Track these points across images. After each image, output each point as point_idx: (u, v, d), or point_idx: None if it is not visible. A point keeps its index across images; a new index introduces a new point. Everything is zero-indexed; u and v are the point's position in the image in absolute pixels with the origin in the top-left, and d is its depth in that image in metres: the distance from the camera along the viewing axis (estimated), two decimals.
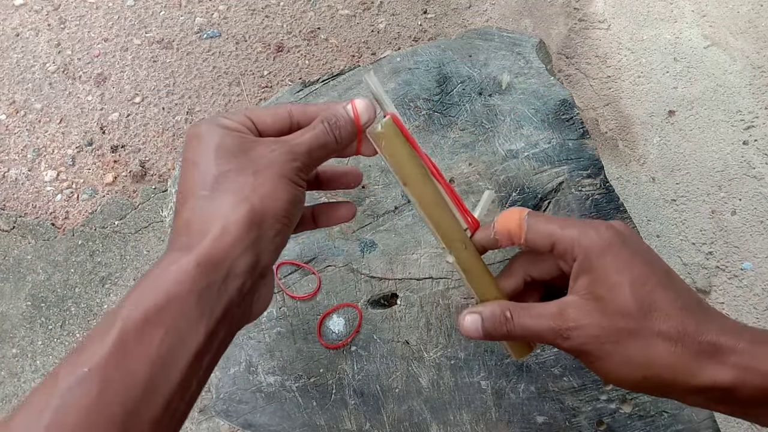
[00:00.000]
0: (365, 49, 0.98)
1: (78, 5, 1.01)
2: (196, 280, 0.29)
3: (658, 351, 0.31)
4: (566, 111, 0.61)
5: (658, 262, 0.34)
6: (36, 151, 0.92)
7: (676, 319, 0.31)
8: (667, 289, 0.32)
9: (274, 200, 0.31)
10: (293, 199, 0.32)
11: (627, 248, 0.33)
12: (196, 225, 0.30)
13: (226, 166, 0.31)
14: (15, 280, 0.85)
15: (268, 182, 0.31)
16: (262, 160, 0.32)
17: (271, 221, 0.31)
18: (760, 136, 0.89)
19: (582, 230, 0.34)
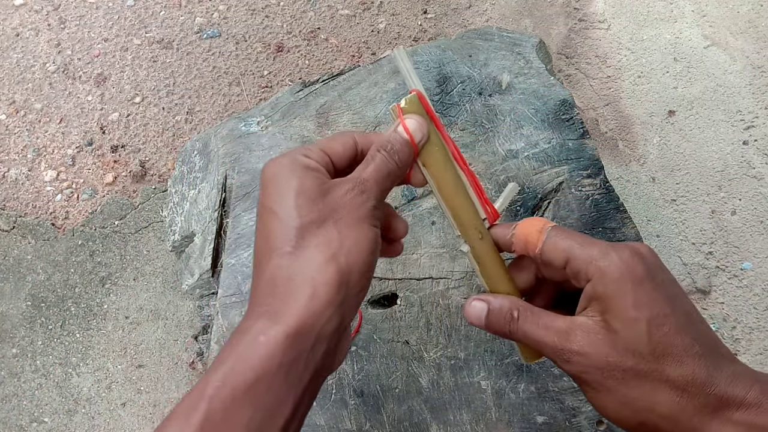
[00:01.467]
0: (365, 49, 0.98)
1: (78, 5, 1.01)
2: (286, 353, 0.28)
3: (662, 398, 0.30)
4: (566, 111, 0.61)
5: (680, 298, 0.31)
6: (36, 151, 0.92)
7: (687, 367, 0.29)
8: (684, 334, 0.30)
9: (358, 253, 0.30)
10: (374, 246, 0.32)
11: (650, 280, 0.31)
12: (282, 287, 0.29)
13: (308, 216, 0.30)
14: (15, 280, 0.85)
15: (351, 233, 0.31)
16: (341, 206, 0.31)
17: (357, 278, 0.30)
18: (760, 136, 0.89)
19: (603, 251, 0.32)
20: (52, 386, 0.81)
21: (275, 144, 0.63)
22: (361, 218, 0.31)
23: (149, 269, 0.85)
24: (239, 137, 0.64)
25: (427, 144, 0.36)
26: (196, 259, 0.62)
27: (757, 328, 0.82)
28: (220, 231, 0.62)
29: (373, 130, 0.62)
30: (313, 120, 0.63)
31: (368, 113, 0.63)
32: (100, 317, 0.83)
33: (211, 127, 0.77)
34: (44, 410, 0.80)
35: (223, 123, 0.66)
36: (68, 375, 0.81)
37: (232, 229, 0.60)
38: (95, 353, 0.82)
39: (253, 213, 0.60)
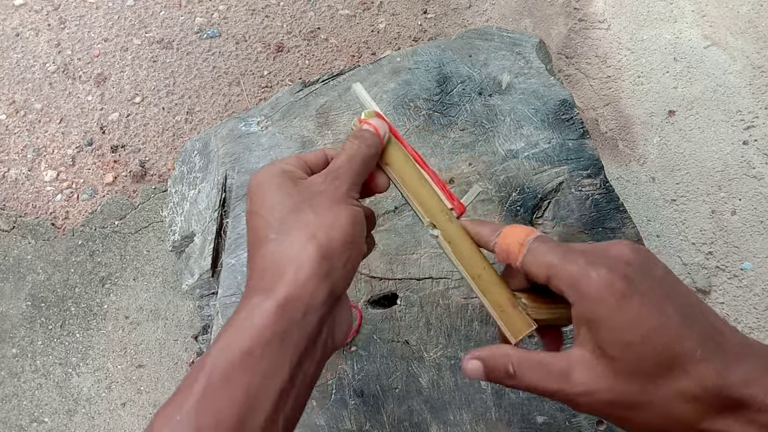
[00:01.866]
0: (365, 49, 0.98)
1: (78, 5, 1.01)
2: (278, 322, 0.30)
3: (678, 411, 0.29)
4: (566, 111, 0.61)
5: (674, 300, 0.30)
6: (36, 151, 0.92)
7: (694, 375, 0.28)
8: (683, 340, 0.29)
9: (336, 228, 0.33)
10: (353, 220, 0.34)
11: (633, 294, 0.29)
12: (270, 269, 0.32)
13: (287, 207, 0.34)
14: (15, 280, 0.85)
15: (326, 212, 0.34)
16: (315, 193, 0.35)
17: (340, 250, 0.33)
18: (760, 136, 0.89)
19: (581, 270, 0.31)
20: (52, 386, 0.80)
21: (275, 144, 0.63)
22: (336, 199, 0.35)
23: (149, 269, 0.85)
24: (239, 137, 0.64)
25: (388, 147, 0.39)
26: (196, 259, 0.62)
27: (758, 328, 0.82)
28: (220, 231, 0.62)
29: None
30: (313, 120, 0.63)
31: None
32: (100, 317, 0.83)
33: (211, 127, 0.77)
34: (44, 410, 0.80)
35: (223, 123, 0.66)
36: (68, 375, 0.81)
37: (232, 229, 0.60)
38: (95, 353, 0.82)
39: None
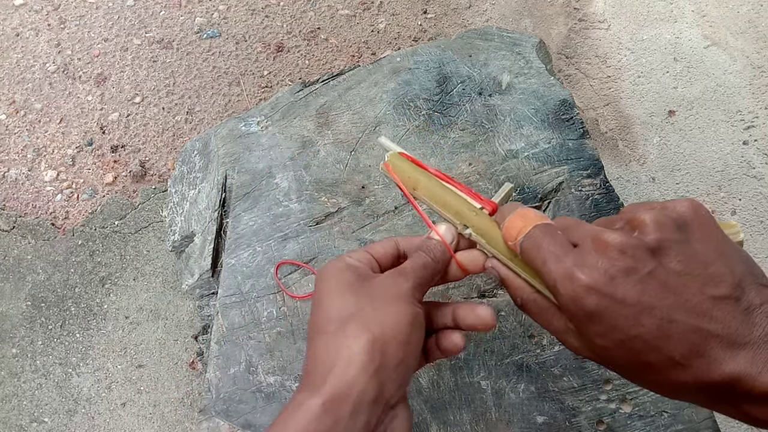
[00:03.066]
0: (365, 49, 0.98)
1: (78, 5, 1.01)
2: (322, 420, 0.29)
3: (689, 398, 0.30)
4: (566, 111, 0.61)
5: (656, 301, 0.28)
6: (36, 151, 0.92)
7: (672, 376, 0.29)
8: (657, 349, 0.28)
9: (393, 325, 0.32)
10: (411, 320, 0.33)
11: (605, 309, 0.29)
12: (321, 362, 0.32)
13: (348, 301, 0.34)
14: (15, 280, 0.85)
15: (385, 307, 0.33)
16: (377, 289, 0.34)
17: (394, 348, 0.32)
18: (760, 136, 0.89)
19: (559, 280, 0.30)
20: (52, 386, 0.80)
21: (275, 144, 0.63)
22: (398, 295, 0.34)
23: (149, 269, 0.85)
24: (239, 137, 0.64)
25: (411, 173, 0.41)
26: (196, 259, 0.62)
27: None
28: (220, 231, 0.62)
29: (373, 129, 0.62)
30: (313, 120, 0.63)
31: (368, 113, 0.63)
32: (100, 317, 0.83)
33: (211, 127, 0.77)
34: (44, 410, 0.80)
35: (223, 123, 0.66)
36: (68, 375, 0.81)
37: (232, 229, 0.60)
38: (95, 353, 0.82)
39: (252, 213, 0.60)
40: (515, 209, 0.36)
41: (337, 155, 0.61)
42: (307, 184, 0.60)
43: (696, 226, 0.30)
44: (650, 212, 0.30)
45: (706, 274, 0.28)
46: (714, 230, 0.30)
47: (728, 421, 0.78)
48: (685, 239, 0.30)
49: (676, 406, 0.53)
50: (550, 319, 0.34)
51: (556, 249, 0.32)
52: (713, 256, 0.29)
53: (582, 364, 0.54)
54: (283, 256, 0.58)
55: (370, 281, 0.35)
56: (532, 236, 0.33)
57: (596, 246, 0.30)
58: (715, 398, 0.29)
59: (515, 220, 0.35)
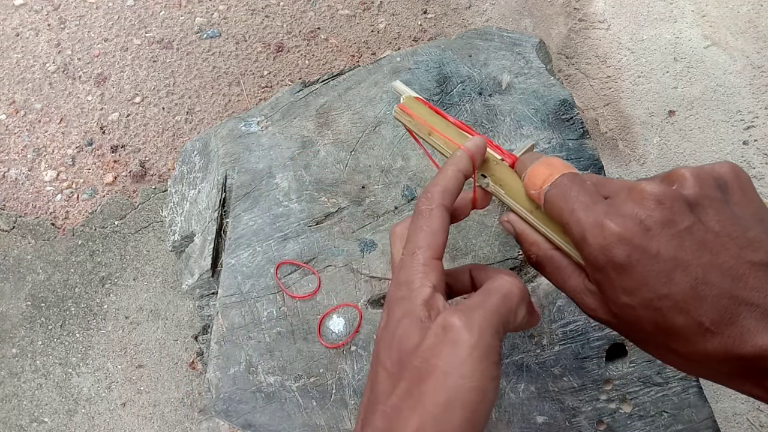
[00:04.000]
0: (365, 49, 0.98)
1: (78, 5, 1.01)
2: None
3: (681, 364, 0.29)
4: (566, 111, 0.61)
5: (689, 261, 0.26)
6: (36, 151, 0.92)
7: (699, 345, 0.27)
8: (686, 312, 0.26)
9: (446, 419, 0.27)
10: (482, 396, 0.27)
11: (635, 264, 0.27)
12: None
13: (400, 374, 0.28)
14: (15, 280, 0.85)
15: (438, 392, 0.27)
16: (428, 360, 0.28)
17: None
18: (760, 136, 0.89)
19: (588, 229, 0.28)
20: (52, 386, 0.80)
21: (275, 144, 0.63)
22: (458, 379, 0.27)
23: (149, 269, 0.85)
24: (239, 137, 0.64)
25: (428, 117, 0.39)
26: (196, 259, 0.62)
27: None
28: (220, 231, 0.62)
29: (373, 130, 0.62)
30: (313, 120, 0.63)
31: (368, 113, 0.63)
32: (100, 317, 0.83)
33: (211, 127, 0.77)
34: (44, 410, 0.80)
35: (223, 123, 0.66)
36: (68, 375, 0.81)
37: (232, 229, 0.60)
38: (95, 353, 0.82)
39: (252, 213, 0.60)
40: (539, 158, 0.33)
41: (337, 155, 0.61)
42: (307, 184, 0.60)
43: (736, 188, 0.28)
44: (690, 168, 0.28)
45: (744, 237, 0.26)
46: (754, 195, 0.29)
47: (728, 421, 0.78)
48: (724, 199, 0.28)
49: (676, 406, 0.53)
50: (567, 277, 0.32)
51: (585, 198, 0.29)
52: (752, 221, 0.27)
53: (582, 364, 0.54)
54: (283, 256, 0.58)
55: (425, 344, 0.29)
56: (559, 184, 0.31)
57: (632, 195, 0.28)
58: (739, 373, 0.27)
59: (540, 168, 0.32)
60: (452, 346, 0.27)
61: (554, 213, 0.31)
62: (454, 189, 0.34)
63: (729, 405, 0.78)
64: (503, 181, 0.35)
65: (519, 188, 0.35)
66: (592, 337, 0.54)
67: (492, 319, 0.28)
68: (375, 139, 0.62)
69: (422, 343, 0.28)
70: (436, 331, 0.28)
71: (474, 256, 0.57)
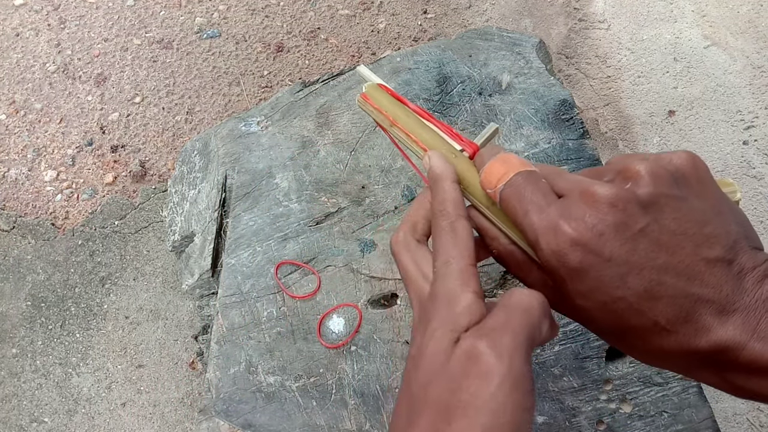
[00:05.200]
0: (365, 49, 0.98)
1: (78, 5, 1.01)
2: None
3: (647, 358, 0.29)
4: (566, 111, 0.61)
5: (644, 262, 0.26)
6: (36, 151, 0.92)
7: (655, 342, 0.27)
8: (641, 312, 0.26)
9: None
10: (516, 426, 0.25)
11: (589, 268, 0.26)
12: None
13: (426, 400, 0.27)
14: (15, 280, 0.85)
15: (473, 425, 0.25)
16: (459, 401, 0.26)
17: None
18: (760, 136, 0.89)
19: (541, 232, 0.28)
20: (52, 386, 0.81)
21: (275, 144, 0.63)
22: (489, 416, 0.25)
23: (149, 269, 0.85)
24: (239, 137, 0.64)
25: (391, 107, 0.38)
26: (196, 259, 0.62)
27: None
28: (220, 231, 0.62)
29: (373, 129, 0.62)
30: (313, 120, 0.63)
31: None
32: (100, 317, 0.83)
33: (211, 127, 0.77)
34: (44, 410, 0.80)
35: (223, 123, 0.66)
36: (68, 375, 0.81)
37: (232, 229, 0.60)
38: (95, 353, 0.82)
39: (252, 213, 0.60)
40: (496, 153, 0.32)
41: (337, 155, 0.61)
42: (307, 184, 0.60)
43: (694, 181, 0.28)
44: (645, 163, 0.27)
45: (701, 234, 0.26)
46: (713, 187, 0.28)
47: (728, 421, 0.78)
48: (682, 195, 0.27)
49: (676, 406, 0.53)
50: (527, 274, 0.31)
51: (539, 199, 0.29)
52: (710, 214, 0.27)
53: (582, 364, 0.54)
54: (283, 256, 0.58)
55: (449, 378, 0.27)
56: (514, 184, 0.30)
57: (584, 198, 0.27)
58: (699, 366, 0.27)
59: (496, 166, 0.31)
60: (482, 379, 0.25)
61: (509, 213, 0.30)
62: (460, 200, 0.33)
63: (729, 405, 0.78)
64: (462, 175, 0.34)
65: (478, 183, 0.34)
66: (592, 337, 0.54)
67: (520, 341, 0.26)
68: (375, 139, 0.62)
69: (449, 374, 0.26)
70: (460, 358, 0.26)
71: None
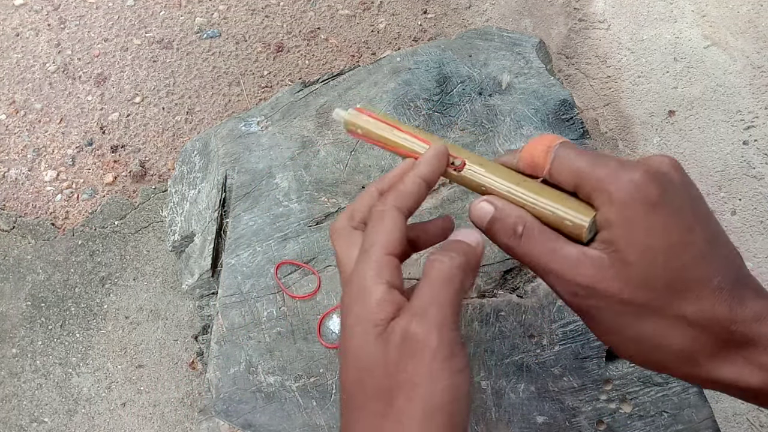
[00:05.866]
0: (365, 49, 0.98)
1: (78, 5, 1.01)
2: None
3: (678, 336, 0.27)
4: (566, 111, 0.61)
5: (703, 223, 0.28)
6: (36, 151, 0.92)
7: (707, 302, 0.26)
8: (705, 264, 0.27)
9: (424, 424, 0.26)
10: (451, 405, 0.27)
11: (667, 204, 0.27)
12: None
13: (365, 395, 0.28)
14: (15, 280, 0.85)
15: (409, 403, 0.26)
16: (402, 379, 0.27)
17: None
18: (760, 136, 0.89)
19: (613, 172, 0.27)
20: (52, 386, 0.81)
21: (275, 144, 0.63)
22: (429, 368, 0.27)
23: (149, 269, 0.85)
24: (239, 137, 0.64)
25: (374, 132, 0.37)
26: (196, 259, 0.62)
27: None
28: (220, 231, 0.62)
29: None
30: (313, 120, 0.63)
31: None
32: (100, 317, 0.83)
33: (211, 127, 0.77)
34: (44, 410, 0.80)
35: (223, 123, 0.66)
36: (68, 375, 0.81)
37: (232, 229, 0.60)
38: (95, 353, 0.82)
39: (252, 213, 0.60)
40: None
41: (337, 155, 0.61)
42: (307, 184, 0.60)
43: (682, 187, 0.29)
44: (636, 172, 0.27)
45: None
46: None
47: (728, 421, 0.78)
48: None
49: (676, 406, 0.53)
50: (560, 247, 0.29)
51: (596, 156, 0.29)
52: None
53: (582, 364, 0.54)
54: (283, 256, 0.58)
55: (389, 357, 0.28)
56: (569, 144, 0.30)
57: (650, 158, 0.29)
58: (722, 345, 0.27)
59: (535, 142, 0.32)
60: (417, 356, 0.27)
61: (566, 169, 0.30)
62: (411, 192, 0.33)
63: (729, 405, 0.78)
64: (482, 162, 0.34)
65: (498, 166, 0.34)
66: (592, 337, 0.54)
67: (447, 312, 0.28)
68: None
69: (387, 361, 0.27)
70: (396, 344, 0.27)
71: None
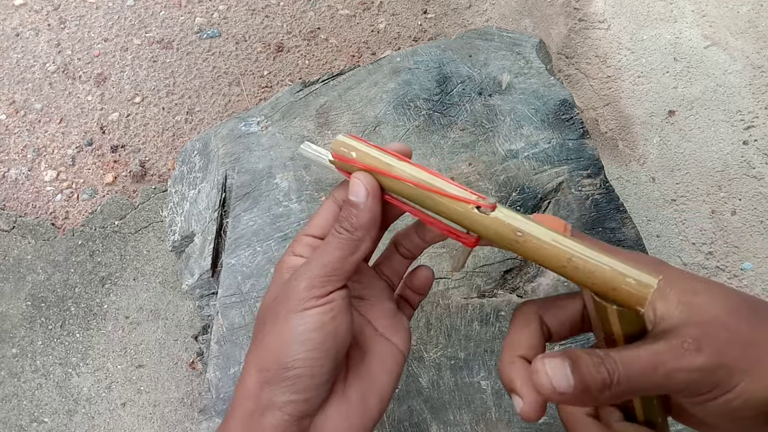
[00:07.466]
0: (365, 49, 0.98)
1: (78, 5, 1.01)
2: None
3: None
4: (566, 111, 0.61)
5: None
6: (36, 151, 0.92)
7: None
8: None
9: (276, 349, 0.30)
10: (304, 331, 0.30)
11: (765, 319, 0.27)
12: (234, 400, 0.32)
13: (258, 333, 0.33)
14: (15, 280, 0.85)
15: (269, 337, 0.31)
16: (278, 308, 0.32)
17: (280, 369, 0.30)
18: (760, 136, 0.89)
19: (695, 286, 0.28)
20: (52, 386, 0.80)
21: (275, 144, 0.63)
22: (288, 310, 0.31)
23: (149, 269, 0.85)
24: (239, 137, 0.64)
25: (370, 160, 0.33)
26: (196, 259, 0.62)
27: None
28: (220, 231, 0.62)
29: (373, 130, 0.62)
30: (313, 120, 0.63)
31: (368, 113, 0.63)
32: (100, 317, 0.83)
33: (211, 127, 0.77)
34: (44, 410, 0.80)
35: (223, 123, 0.66)
36: (68, 375, 0.81)
37: (232, 229, 0.60)
38: (95, 353, 0.82)
39: (252, 213, 0.60)
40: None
41: None
42: (307, 184, 0.60)
43: None
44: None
45: None
46: None
47: None
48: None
49: None
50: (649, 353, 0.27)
51: (615, 250, 0.31)
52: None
53: None
54: None
55: (277, 297, 0.34)
56: (578, 233, 0.32)
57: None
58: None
59: (544, 220, 0.32)
60: (288, 298, 0.32)
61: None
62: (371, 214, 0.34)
63: None
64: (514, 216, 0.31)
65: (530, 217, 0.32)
66: (593, 338, 0.54)
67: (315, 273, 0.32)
68: (375, 139, 0.62)
69: (275, 298, 0.33)
70: (277, 283, 0.34)
71: (473, 255, 0.57)
